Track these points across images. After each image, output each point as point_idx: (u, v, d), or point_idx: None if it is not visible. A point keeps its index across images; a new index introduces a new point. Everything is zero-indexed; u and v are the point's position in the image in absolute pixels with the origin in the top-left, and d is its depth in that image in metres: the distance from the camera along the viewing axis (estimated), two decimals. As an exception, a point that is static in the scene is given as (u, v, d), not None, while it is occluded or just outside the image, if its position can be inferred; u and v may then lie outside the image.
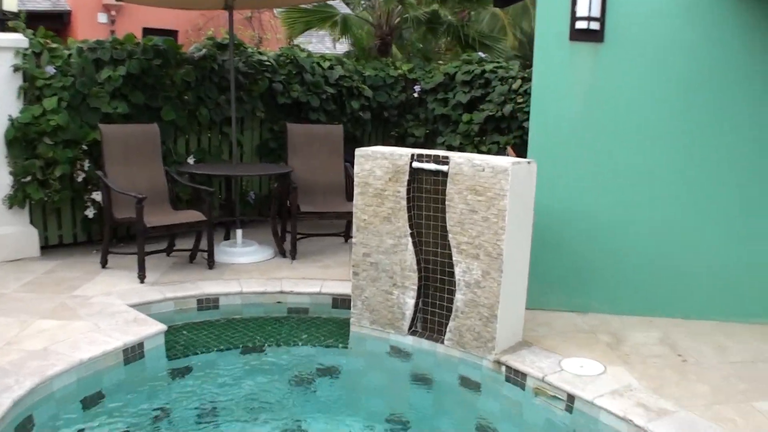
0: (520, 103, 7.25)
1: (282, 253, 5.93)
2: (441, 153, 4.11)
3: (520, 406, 3.79)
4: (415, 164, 4.14)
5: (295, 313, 4.89)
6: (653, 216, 4.57)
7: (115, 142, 5.37)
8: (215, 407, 3.56)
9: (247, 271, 5.37)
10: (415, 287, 4.26)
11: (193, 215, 5.31)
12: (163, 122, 6.00)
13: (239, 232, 5.89)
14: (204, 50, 6.52)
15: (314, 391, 3.89)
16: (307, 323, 4.75)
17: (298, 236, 5.93)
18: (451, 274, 4.13)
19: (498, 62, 7.94)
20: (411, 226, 4.21)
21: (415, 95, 8.14)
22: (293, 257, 5.83)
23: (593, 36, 4.40)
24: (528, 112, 7.08)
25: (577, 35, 4.41)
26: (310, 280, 5.21)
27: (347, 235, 6.54)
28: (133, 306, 4.37)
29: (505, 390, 3.87)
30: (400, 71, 8.17)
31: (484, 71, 7.61)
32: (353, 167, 4.37)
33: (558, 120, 4.55)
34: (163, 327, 4.06)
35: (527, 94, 7.21)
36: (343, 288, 5.03)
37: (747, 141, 4.40)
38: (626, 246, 4.62)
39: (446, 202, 4.06)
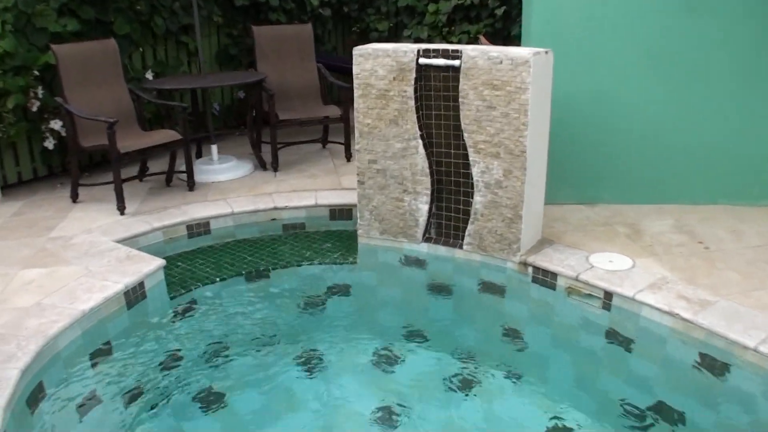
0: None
1: (263, 165, 5.54)
2: (450, 47, 3.75)
3: (551, 308, 3.67)
4: (422, 60, 3.78)
5: (292, 229, 4.59)
6: (663, 100, 4.37)
7: (72, 64, 4.71)
8: (227, 344, 3.27)
9: (232, 189, 4.99)
10: (429, 192, 4.00)
11: (168, 134, 4.82)
12: (116, 37, 5.33)
13: (214, 147, 5.44)
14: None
15: (327, 313, 3.62)
16: (308, 239, 4.46)
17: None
18: (468, 175, 3.88)
19: None
20: (420, 128, 3.90)
21: (377, -14, 7.56)
22: (275, 169, 5.45)
23: None
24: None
25: None
26: (302, 192, 4.88)
27: (325, 140, 6.17)
28: (120, 241, 3.97)
29: (533, 292, 3.75)
30: (358, -40, 7.54)
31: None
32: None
33: (562, 2, 4.21)
34: (161, 261, 3.69)
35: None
36: (339, 198, 4.74)
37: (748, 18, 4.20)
38: (636, 133, 4.45)
39: (460, 100, 3.74)
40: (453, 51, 3.70)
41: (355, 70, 3.93)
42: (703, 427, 2.71)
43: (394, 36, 7.72)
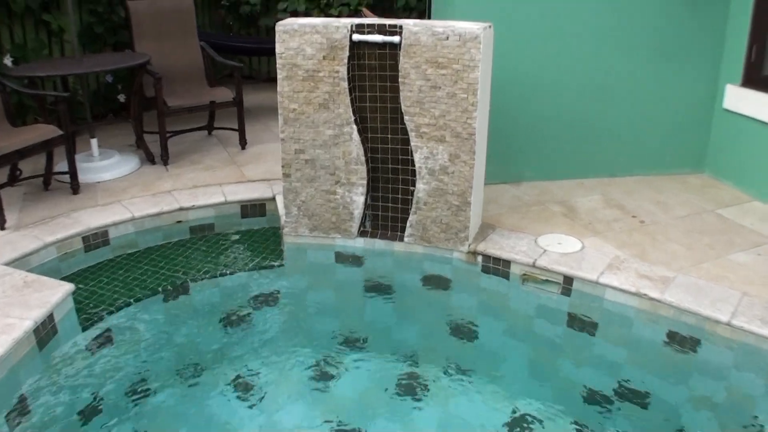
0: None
1: (150, 159, 4.85)
2: (388, 21, 3.39)
3: (506, 298, 3.49)
4: (356, 37, 3.39)
5: (200, 231, 4.03)
6: (579, 78, 4.34)
7: None
8: (150, 377, 2.74)
9: (123, 189, 4.30)
10: (364, 182, 3.65)
11: (45, 130, 4.01)
12: None
13: (94, 141, 4.66)
14: None
15: (256, 327, 3.17)
16: (222, 242, 3.94)
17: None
18: (408, 162, 3.58)
19: None
20: (354, 111, 3.52)
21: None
22: (166, 163, 4.80)
23: None
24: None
25: None
26: (205, 188, 4.32)
27: (212, 127, 5.56)
28: (10, 263, 3.22)
29: (484, 282, 3.54)
30: None
31: None
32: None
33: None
34: (69, 286, 3.02)
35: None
36: (249, 192, 4.27)
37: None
38: (555, 110, 4.38)
39: (399, 80, 3.42)
40: (391, 26, 3.35)
41: (279, 48, 3.45)
42: (677, 404, 2.66)
43: (266, 10, 7.16)
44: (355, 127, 3.54)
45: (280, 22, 3.44)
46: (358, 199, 3.68)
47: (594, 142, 4.51)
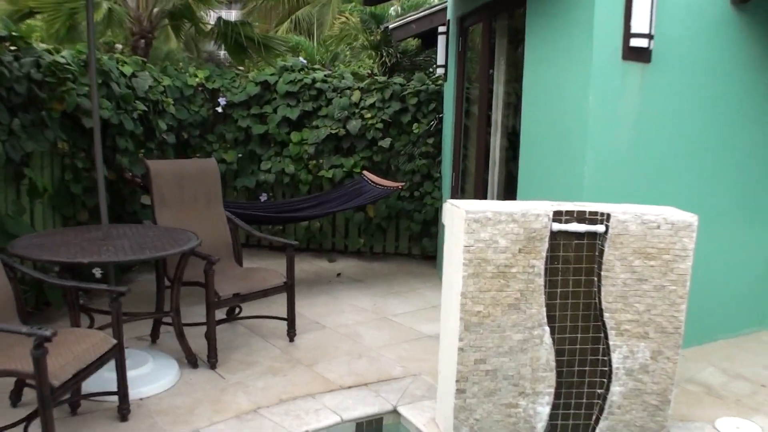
0: (369, 119, 6.20)
1: (192, 361, 3.85)
2: (590, 207, 3.04)
3: None
4: (556, 226, 2.99)
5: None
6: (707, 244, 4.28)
7: None
8: None
9: (188, 410, 3.29)
10: (552, 391, 3.11)
11: (95, 340, 2.97)
12: None
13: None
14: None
15: None
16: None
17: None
18: (597, 362, 3.13)
19: (334, 71, 6.69)
20: (549, 311, 3.05)
21: (219, 110, 6.31)
22: (214, 366, 3.85)
23: (643, 55, 3.81)
24: (381, 129, 6.13)
25: (630, 54, 3.76)
26: (297, 401, 3.47)
27: (234, 315, 4.62)
28: None
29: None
30: (198, 79, 6.21)
31: (315, 80, 6.28)
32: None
33: (612, 148, 3.86)
34: None
35: (375, 107, 6.24)
36: (356, 404, 3.49)
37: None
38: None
39: (603, 273, 3.03)
40: (593, 213, 3.01)
41: (467, 240, 2.92)
42: None
43: (246, 168, 6.41)
44: (547, 329, 3.05)
45: (470, 209, 2.93)
46: (543, 410, 3.12)
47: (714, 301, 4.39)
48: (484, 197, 5.01)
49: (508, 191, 4.84)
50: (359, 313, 4.96)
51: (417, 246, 6.50)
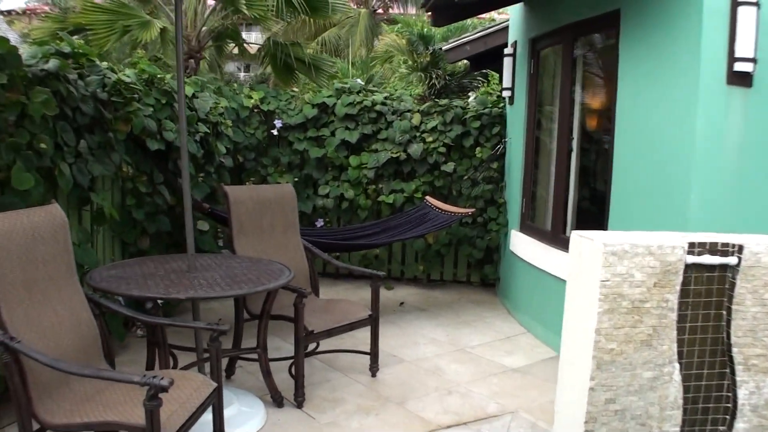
0: (430, 143, 6.09)
1: (278, 400, 3.69)
2: (721, 238, 2.91)
3: None
4: (689, 258, 2.85)
5: None
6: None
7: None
8: None
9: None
10: (678, 429, 2.95)
11: (189, 382, 2.80)
12: (13, 195, 3.16)
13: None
14: (51, 61, 3.66)
15: None
16: None
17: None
18: (721, 398, 2.97)
19: (393, 92, 6.61)
20: (678, 347, 2.90)
21: (275, 132, 6.22)
22: (301, 405, 3.69)
23: (745, 80, 3.70)
24: (444, 153, 6.01)
25: (734, 78, 3.65)
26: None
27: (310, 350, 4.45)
28: None
29: None
30: (253, 101, 6.12)
31: (374, 103, 6.19)
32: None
33: (718, 176, 3.73)
34: None
35: (437, 131, 6.13)
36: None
37: None
38: None
39: (733, 307, 2.89)
40: (724, 245, 2.87)
41: (603, 274, 2.78)
42: None
43: (302, 193, 6.29)
44: (677, 365, 2.90)
45: (606, 241, 2.79)
46: (670, 451, 2.96)
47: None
48: (563, 224, 4.87)
49: (589, 219, 4.70)
50: (434, 345, 4.80)
51: (476, 273, 6.34)
